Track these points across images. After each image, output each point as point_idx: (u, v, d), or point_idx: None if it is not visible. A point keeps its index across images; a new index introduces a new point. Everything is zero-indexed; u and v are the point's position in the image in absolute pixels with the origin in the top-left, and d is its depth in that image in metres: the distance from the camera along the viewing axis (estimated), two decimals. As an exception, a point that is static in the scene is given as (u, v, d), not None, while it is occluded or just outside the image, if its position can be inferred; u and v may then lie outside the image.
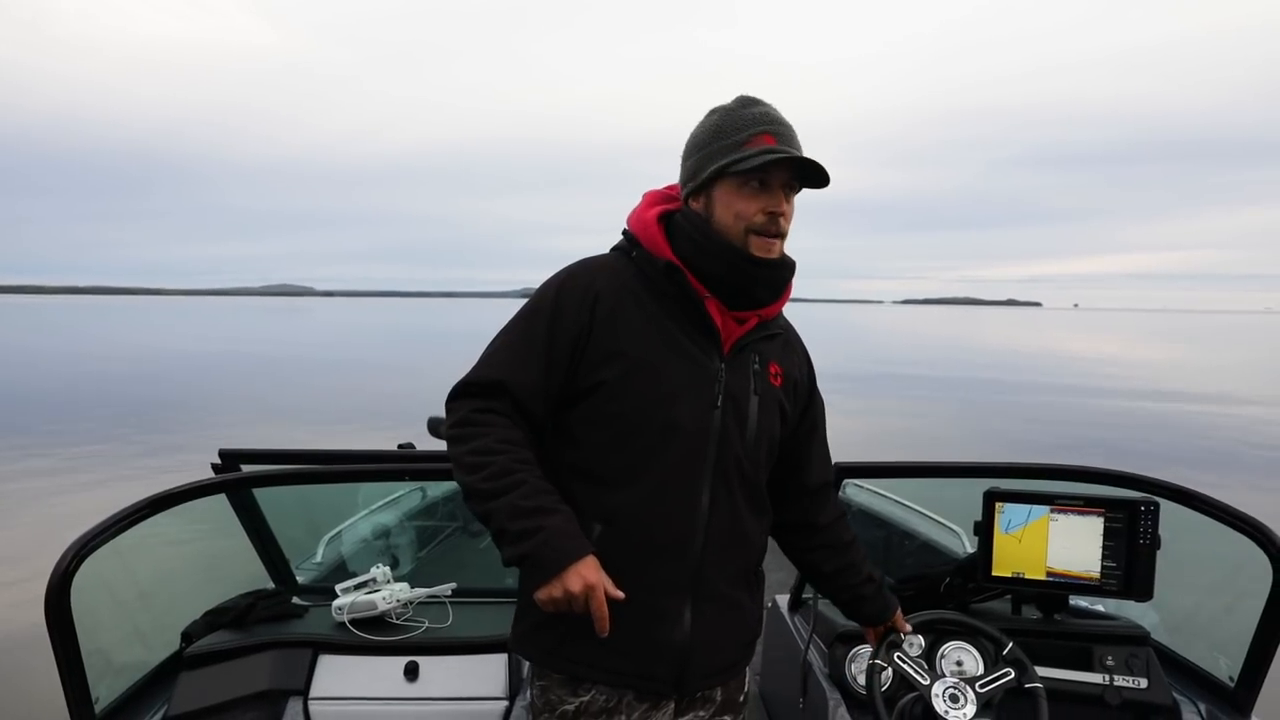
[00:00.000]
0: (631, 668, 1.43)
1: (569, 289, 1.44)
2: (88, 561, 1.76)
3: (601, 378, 1.41)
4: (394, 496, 4.16)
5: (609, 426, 1.42)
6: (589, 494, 1.43)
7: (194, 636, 2.22)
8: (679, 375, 1.42)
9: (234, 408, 16.72)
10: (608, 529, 1.41)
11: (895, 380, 24.30)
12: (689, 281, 1.44)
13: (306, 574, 3.05)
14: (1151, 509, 2.12)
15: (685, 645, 1.45)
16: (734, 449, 1.45)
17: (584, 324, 1.41)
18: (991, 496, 2.24)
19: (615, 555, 1.39)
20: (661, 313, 1.45)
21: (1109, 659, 2.15)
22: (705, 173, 1.44)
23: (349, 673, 2.15)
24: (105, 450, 11.73)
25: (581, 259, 1.52)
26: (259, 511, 2.49)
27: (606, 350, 1.41)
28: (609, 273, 1.47)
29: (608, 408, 1.42)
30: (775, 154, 1.38)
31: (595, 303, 1.42)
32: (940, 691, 1.81)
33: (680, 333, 1.45)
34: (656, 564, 1.42)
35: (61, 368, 25.81)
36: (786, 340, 1.61)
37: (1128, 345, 50.90)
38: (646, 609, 1.42)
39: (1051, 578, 2.20)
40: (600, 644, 1.38)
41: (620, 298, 1.44)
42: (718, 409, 1.44)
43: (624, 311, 1.43)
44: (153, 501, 1.93)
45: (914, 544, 3.52)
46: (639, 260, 1.49)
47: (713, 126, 1.45)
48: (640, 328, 1.43)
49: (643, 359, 1.41)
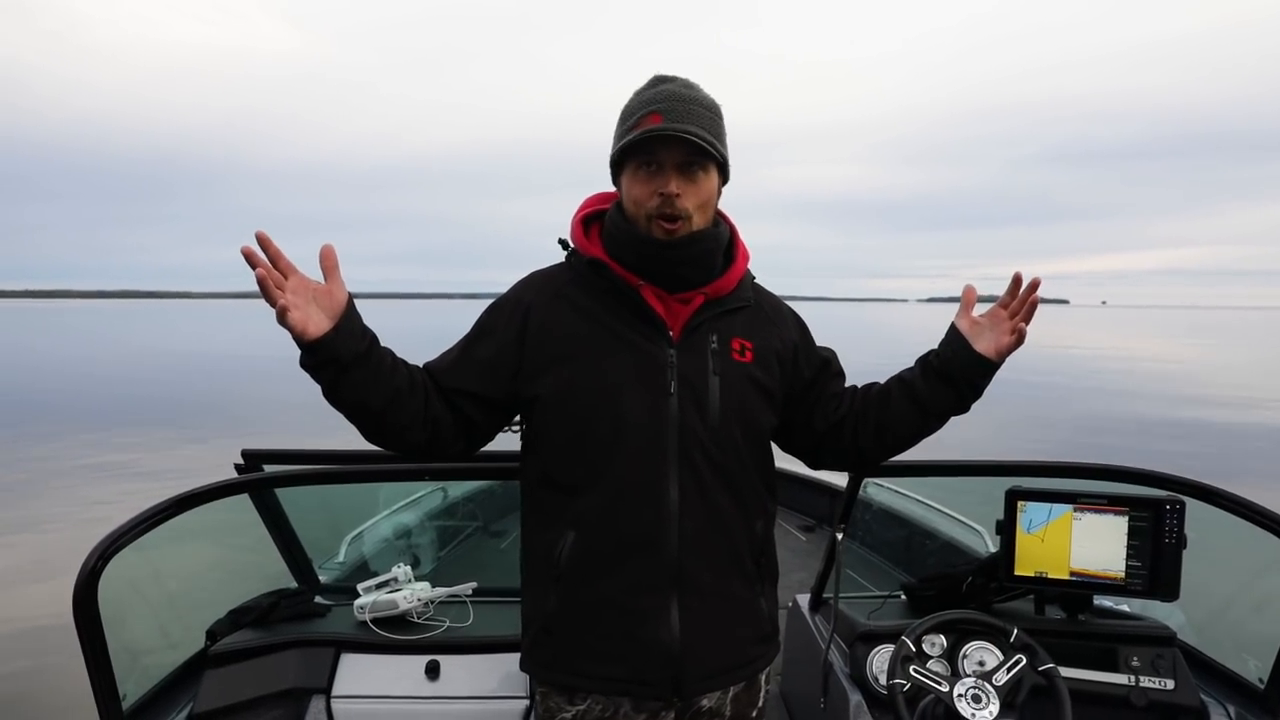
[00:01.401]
0: (623, 673, 1.40)
1: (500, 306, 1.50)
2: (114, 561, 1.78)
3: (546, 384, 1.41)
4: (415, 496, 4.19)
5: (562, 431, 1.41)
6: (556, 502, 1.43)
7: (218, 635, 2.25)
8: (623, 368, 1.40)
9: (260, 409, 16.91)
10: (579, 534, 1.39)
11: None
12: (618, 274, 1.42)
13: (329, 573, 3.08)
14: (1177, 507, 2.09)
15: (676, 644, 1.40)
16: (697, 435, 1.40)
17: (511, 338, 1.45)
18: (1013, 495, 2.22)
19: (590, 559, 1.38)
20: (599, 309, 1.44)
21: (1135, 660, 2.12)
22: (613, 158, 1.43)
23: (371, 671, 2.17)
24: (135, 451, 11.92)
25: (529, 273, 1.56)
26: (281, 511, 2.51)
27: (547, 356, 1.42)
28: (544, 282, 1.51)
29: (558, 413, 1.41)
30: (649, 133, 1.33)
31: (526, 314, 1.45)
32: (962, 692, 1.80)
33: (622, 325, 1.42)
34: (632, 564, 1.39)
35: (91, 370, 26.27)
36: (757, 311, 1.54)
37: (1157, 342, 50.19)
38: (629, 612, 1.39)
39: (1075, 577, 2.17)
40: (592, 652, 1.38)
41: (553, 304, 1.46)
42: (672, 396, 1.39)
43: (558, 316, 1.44)
44: (177, 501, 1.95)
45: (936, 543, 3.50)
46: (574, 263, 1.50)
47: (622, 112, 1.43)
48: (576, 329, 1.43)
49: (582, 359, 1.40)
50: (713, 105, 1.42)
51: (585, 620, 1.41)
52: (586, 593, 1.40)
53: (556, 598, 1.42)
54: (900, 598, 2.48)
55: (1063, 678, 1.80)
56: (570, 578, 1.40)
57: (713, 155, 1.37)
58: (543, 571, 1.43)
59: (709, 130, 1.37)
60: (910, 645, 1.91)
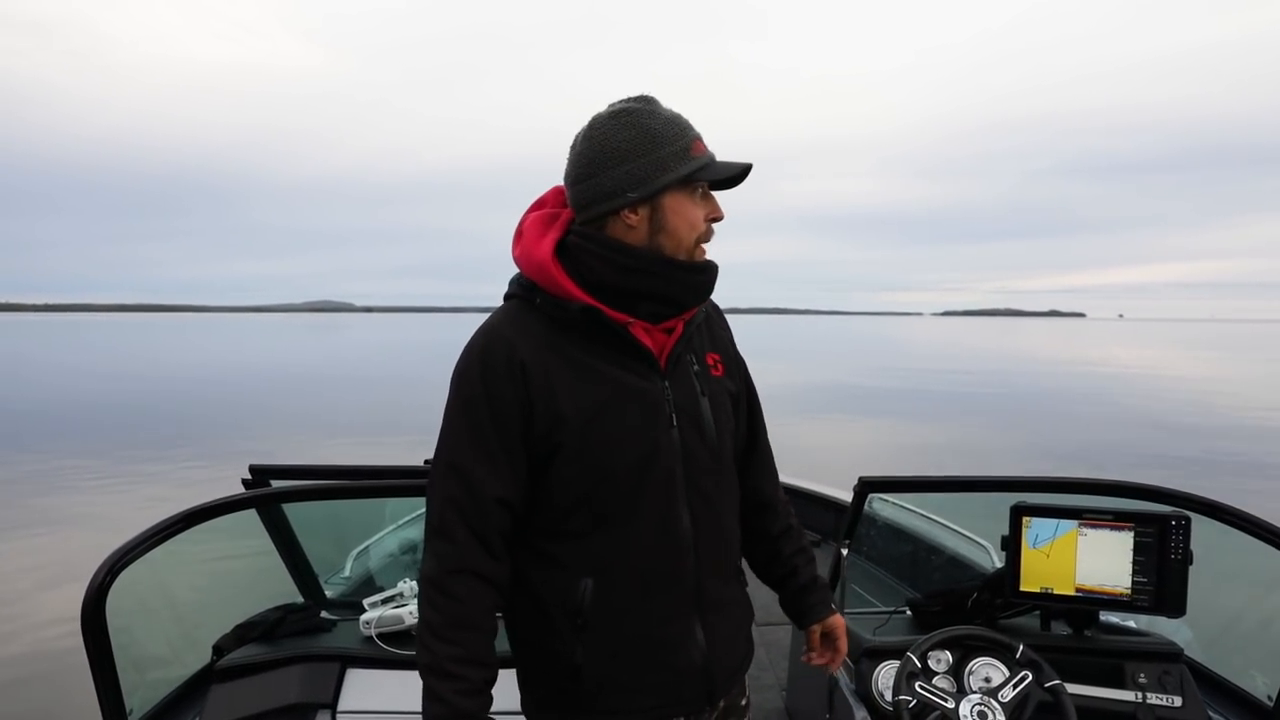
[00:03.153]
0: (658, 700, 1.42)
1: (491, 368, 1.33)
2: (122, 575, 1.79)
3: (556, 443, 1.33)
4: (421, 512, 4.19)
5: (574, 486, 1.36)
6: (570, 550, 1.38)
7: (225, 650, 2.26)
8: (628, 412, 1.35)
9: (274, 423, 16.98)
10: (599, 580, 1.36)
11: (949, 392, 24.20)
12: (609, 316, 1.35)
13: (335, 588, 3.08)
14: (1183, 523, 2.08)
15: (706, 660, 1.43)
16: (699, 459, 1.41)
17: (522, 399, 1.32)
18: (1018, 511, 2.22)
19: (613, 602, 1.36)
20: (588, 355, 1.36)
21: (1141, 676, 2.11)
22: (661, 182, 1.33)
23: (376, 686, 2.17)
24: (148, 465, 11.97)
25: (482, 329, 1.38)
26: (288, 526, 2.53)
27: (553, 416, 1.32)
28: (517, 333, 1.35)
29: (568, 470, 1.35)
30: (739, 166, 1.37)
31: (524, 372, 1.32)
32: (968, 709, 1.80)
33: (615, 367, 1.37)
34: (656, 598, 1.39)
35: (110, 384, 26.43)
36: (711, 319, 1.55)
37: (1175, 356, 49.86)
38: (658, 643, 1.40)
39: (1081, 593, 2.17)
40: (627, 689, 1.38)
41: (542, 357, 1.33)
42: (675, 428, 1.39)
43: (553, 370, 1.34)
44: (184, 517, 1.97)
45: (941, 558, 3.49)
46: (544, 307, 1.36)
47: (646, 132, 1.34)
48: (574, 381, 1.34)
49: (588, 411, 1.33)
50: None
51: (615, 662, 1.39)
52: (614, 637, 1.38)
53: (583, 647, 1.37)
54: (906, 613, 2.48)
55: (1069, 694, 1.80)
56: (596, 625, 1.37)
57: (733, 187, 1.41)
58: (562, 624, 1.39)
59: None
60: (916, 661, 1.91)
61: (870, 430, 16.63)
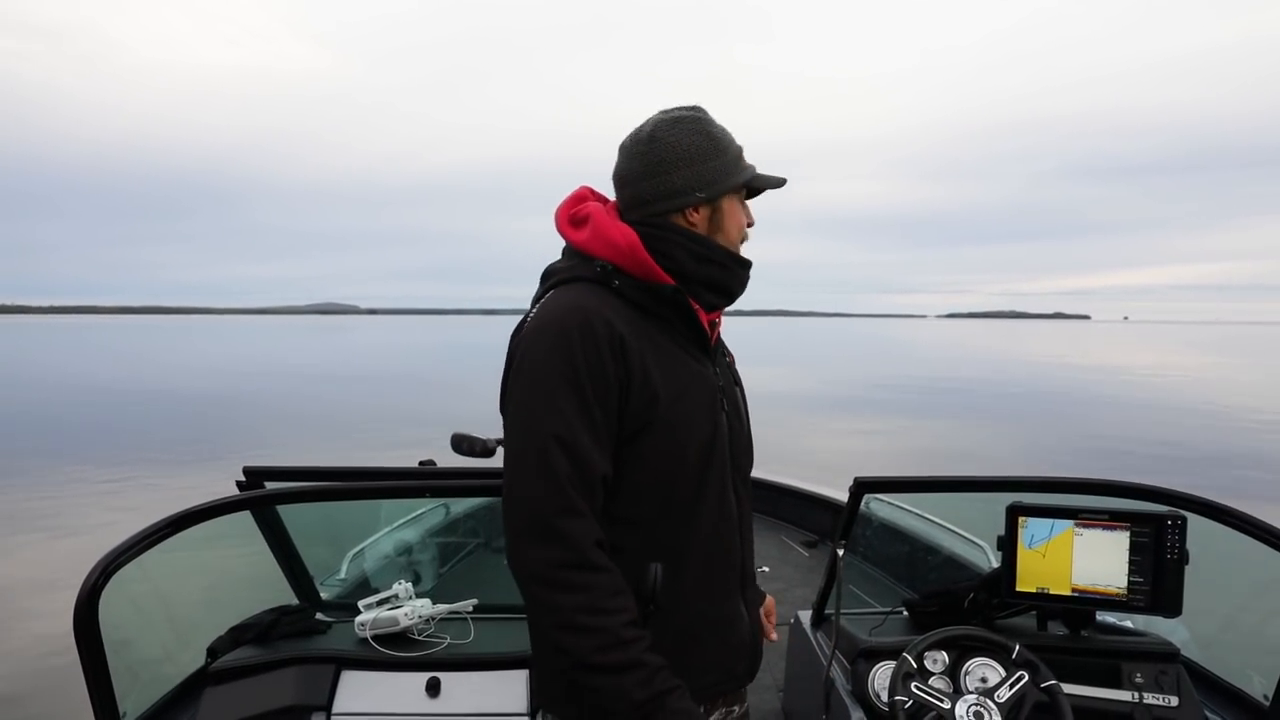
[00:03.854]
0: (717, 678, 1.49)
1: (593, 343, 1.31)
2: (115, 578, 1.79)
3: (647, 420, 1.35)
4: (419, 513, 4.18)
5: (656, 464, 1.37)
6: (639, 538, 1.39)
7: (219, 652, 2.25)
8: (699, 395, 1.42)
9: (280, 426, 16.98)
10: (669, 563, 1.38)
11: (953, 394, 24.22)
12: (687, 301, 1.42)
13: (331, 590, 3.08)
14: (1179, 523, 2.08)
15: (751, 636, 1.54)
16: (740, 443, 1.52)
17: (622, 376, 1.32)
18: (1014, 511, 2.21)
19: (681, 584, 1.40)
20: (666, 337, 1.41)
21: (1138, 676, 2.11)
22: (726, 185, 1.45)
23: (371, 688, 2.17)
24: (150, 468, 11.97)
25: (567, 306, 1.36)
26: (283, 528, 2.52)
27: (649, 393, 1.34)
28: (612, 311, 1.36)
29: (654, 448, 1.36)
30: (782, 179, 1.54)
31: (624, 349, 1.32)
32: (964, 710, 1.80)
33: (685, 352, 1.43)
34: (718, 578, 1.47)
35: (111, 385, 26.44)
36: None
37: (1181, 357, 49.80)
38: (717, 621, 1.48)
39: (1077, 593, 2.16)
40: (692, 669, 1.39)
41: (634, 334, 1.35)
42: (724, 412, 1.48)
43: (645, 349, 1.36)
44: (175, 520, 1.96)
45: (938, 558, 3.48)
46: (625, 290, 1.40)
47: (711, 138, 1.46)
48: (658, 360, 1.38)
49: (674, 391, 1.38)
50: None
51: (679, 642, 1.41)
52: (678, 617, 1.41)
53: (653, 631, 1.34)
54: (902, 614, 2.47)
55: (1065, 694, 1.79)
56: (665, 608, 1.38)
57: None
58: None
59: None
60: (912, 662, 1.90)
61: (873, 432, 16.62)
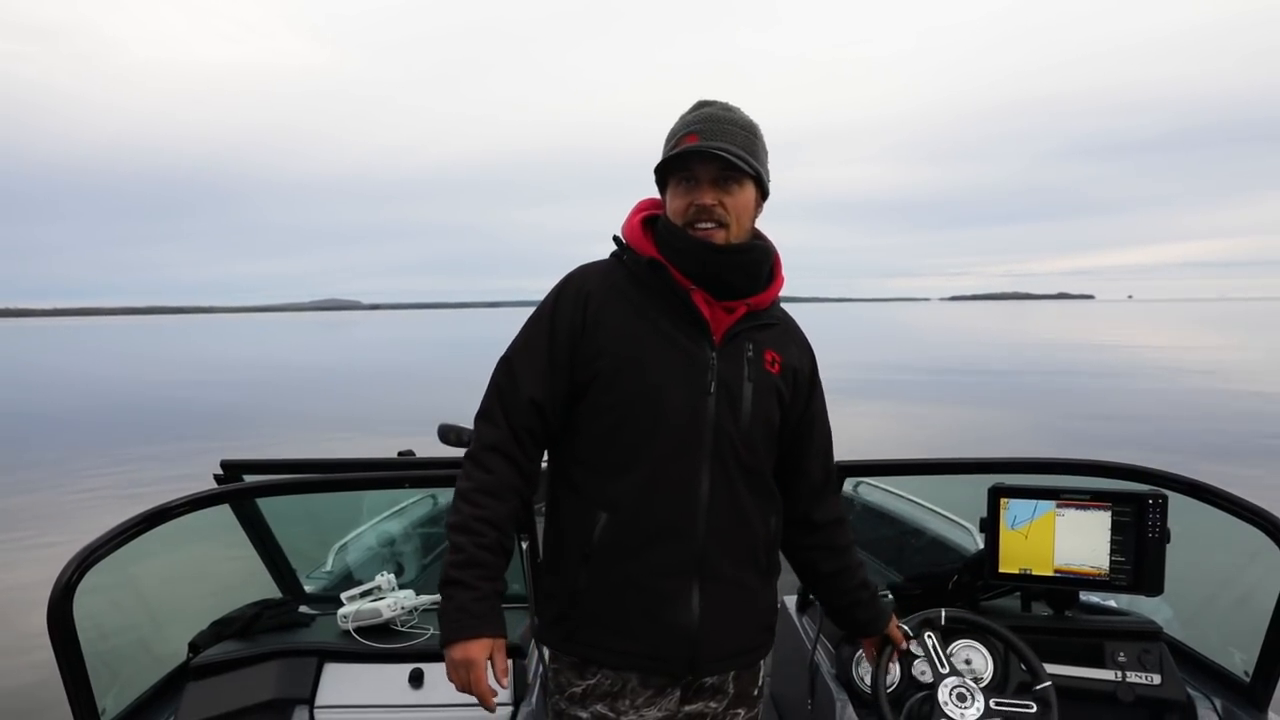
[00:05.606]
0: (638, 649, 1.50)
1: (565, 293, 1.55)
2: (92, 575, 1.76)
3: (595, 371, 1.49)
4: (405, 504, 4.16)
5: (605, 417, 1.50)
6: (592, 483, 1.51)
7: (201, 647, 2.23)
8: (668, 365, 1.49)
9: (278, 422, 16.87)
10: (611, 516, 1.48)
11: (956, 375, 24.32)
12: (672, 275, 1.52)
13: (316, 583, 3.06)
14: (1160, 502, 2.09)
15: (695, 626, 1.50)
16: (729, 434, 1.51)
17: (578, 323, 1.51)
18: (996, 492, 2.22)
19: (620, 541, 1.47)
20: (649, 307, 1.53)
21: (1121, 655, 2.12)
22: (662, 169, 1.54)
23: (354, 681, 2.15)
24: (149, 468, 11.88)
25: (579, 265, 1.62)
26: (263, 521, 2.50)
27: (598, 346, 1.50)
28: (600, 274, 1.57)
29: (603, 400, 1.50)
30: (684, 150, 1.47)
31: (587, 301, 1.52)
32: (947, 693, 1.80)
33: (669, 325, 1.51)
34: (660, 548, 1.48)
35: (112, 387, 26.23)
36: (785, 330, 1.66)
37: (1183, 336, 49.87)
38: (653, 592, 1.49)
39: (1059, 574, 2.17)
40: (610, 629, 1.49)
41: (608, 296, 1.53)
42: (711, 395, 1.50)
43: (612, 308, 1.52)
44: (149, 516, 1.94)
45: (923, 540, 3.49)
46: (628, 261, 1.58)
47: (666, 135, 1.57)
48: (627, 323, 1.51)
49: (630, 352, 1.49)
50: (749, 125, 1.54)
51: (609, 598, 1.50)
52: (614, 572, 1.49)
53: (586, 575, 1.50)
54: (887, 597, 2.48)
55: (1053, 686, 1.79)
56: (600, 557, 1.49)
57: (745, 170, 1.48)
58: (574, 549, 1.52)
59: (743, 147, 1.49)
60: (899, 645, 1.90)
61: (879, 415, 16.57)
